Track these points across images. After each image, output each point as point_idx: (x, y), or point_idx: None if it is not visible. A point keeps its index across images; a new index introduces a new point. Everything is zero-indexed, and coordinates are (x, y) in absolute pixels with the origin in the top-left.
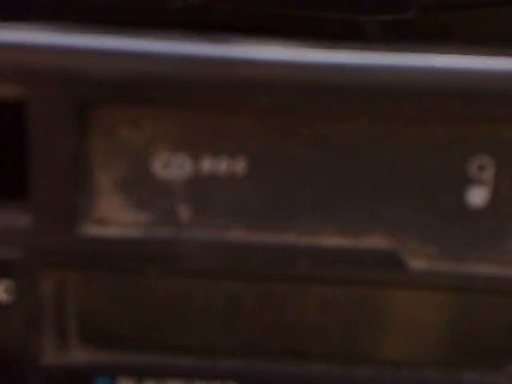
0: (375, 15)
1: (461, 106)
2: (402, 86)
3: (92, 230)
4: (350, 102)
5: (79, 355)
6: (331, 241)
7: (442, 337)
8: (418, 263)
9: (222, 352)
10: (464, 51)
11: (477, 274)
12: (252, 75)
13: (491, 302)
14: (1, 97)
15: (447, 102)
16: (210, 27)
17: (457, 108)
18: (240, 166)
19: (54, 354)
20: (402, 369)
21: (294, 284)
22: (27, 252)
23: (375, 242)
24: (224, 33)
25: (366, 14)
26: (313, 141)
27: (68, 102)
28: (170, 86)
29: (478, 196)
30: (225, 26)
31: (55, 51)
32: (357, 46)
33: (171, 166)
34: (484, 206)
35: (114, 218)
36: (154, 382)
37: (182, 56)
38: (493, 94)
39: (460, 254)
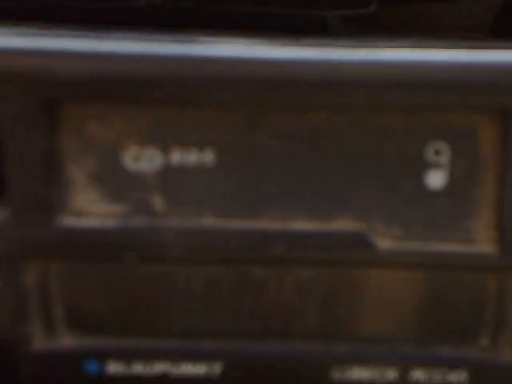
0: (337, 10)
1: (415, 96)
2: (359, 79)
3: (68, 222)
4: (309, 95)
5: (67, 341)
6: (302, 225)
7: (414, 313)
8: (384, 243)
9: (206, 334)
10: (419, 44)
11: (440, 252)
12: (213, 71)
13: (456, 278)
14: None
15: (403, 92)
16: (174, 25)
17: (412, 98)
18: (209, 156)
19: (42, 341)
20: (377, 345)
21: (270, 267)
22: (6, 245)
23: (344, 225)
24: (187, 30)
25: (328, 9)
26: (277, 131)
27: (37, 101)
28: (134, 84)
29: (436, 179)
30: (188, 24)
31: (23, 53)
32: (316, 42)
33: (142, 159)
34: (442, 188)
35: (90, 209)
36: (142, 364)
37: (145, 55)
38: (445, 84)
39: (423, 233)
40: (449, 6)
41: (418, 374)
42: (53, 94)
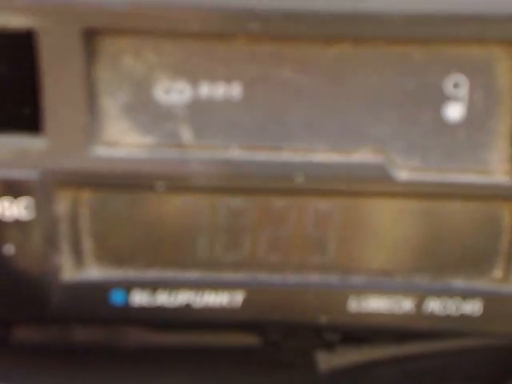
0: None
1: (435, 29)
2: (382, 12)
3: (102, 152)
4: (334, 28)
5: (95, 272)
6: (323, 157)
7: (429, 245)
8: (403, 174)
9: (228, 265)
10: None
11: (457, 183)
12: (243, 3)
13: (471, 209)
14: (15, 27)
15: (423, 25)
16: None
17: (431, 31)
18: (236, 90)
19: (71, 272)
20: (393, 276)
21: (291, 198)
22: (43, 173)
23: (364, 156)
24: None
25: None
26: (302, 65)
27: (75, 31)
28: (168, 17)
29: (454, 111)
30: None
31: None
32: None
33: (172, 92)
34: (460, 120)
35: (122, 140)
36: (167, 293)
37: None
38: (464, 18)
39: (440, 164)
40: None
41: (432, 304)
42: (90, 24)
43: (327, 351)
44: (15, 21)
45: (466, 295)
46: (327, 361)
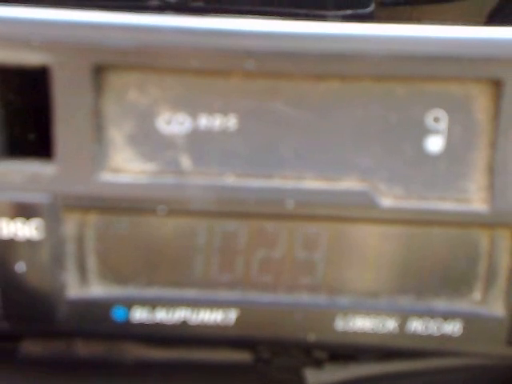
0: (337, 10)
1: (417, 68)
2: (367, 52)
3: (108, 178)
4: (324, 66)
5: (98, 290)
6: (312, 184)
7: (412, 268)
8: (387, 202)
9: (222, 284)
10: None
11: (437, 210)
12: (240, 43)
13: (451, 235)
14: (30, 64)
15: (406, 64)
16: None
17: (414, 69)
18: (232, 122)
19: (76, 289)
20: (377, 298)
21: (282, 222)
22: (53, 196)
23: (350, 184)
24: None
25: (328, 9)
26: (294, 99)
27: (85, 67)
28: (170, 54)
29: (434, 144)
30: None
31: (75, 25)
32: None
33: (173, 123)
34: (440, 152)
35: (126, 167)
36: (165, 310)
37: (179, 28)
38: (444, 57)
39: (422, 193)
40: (443, 9)
41: (415, 324)
42: (99, 61)
43: (316, 368)
44: (31, 58)
45: (447, 316)
46: (316, 378)
